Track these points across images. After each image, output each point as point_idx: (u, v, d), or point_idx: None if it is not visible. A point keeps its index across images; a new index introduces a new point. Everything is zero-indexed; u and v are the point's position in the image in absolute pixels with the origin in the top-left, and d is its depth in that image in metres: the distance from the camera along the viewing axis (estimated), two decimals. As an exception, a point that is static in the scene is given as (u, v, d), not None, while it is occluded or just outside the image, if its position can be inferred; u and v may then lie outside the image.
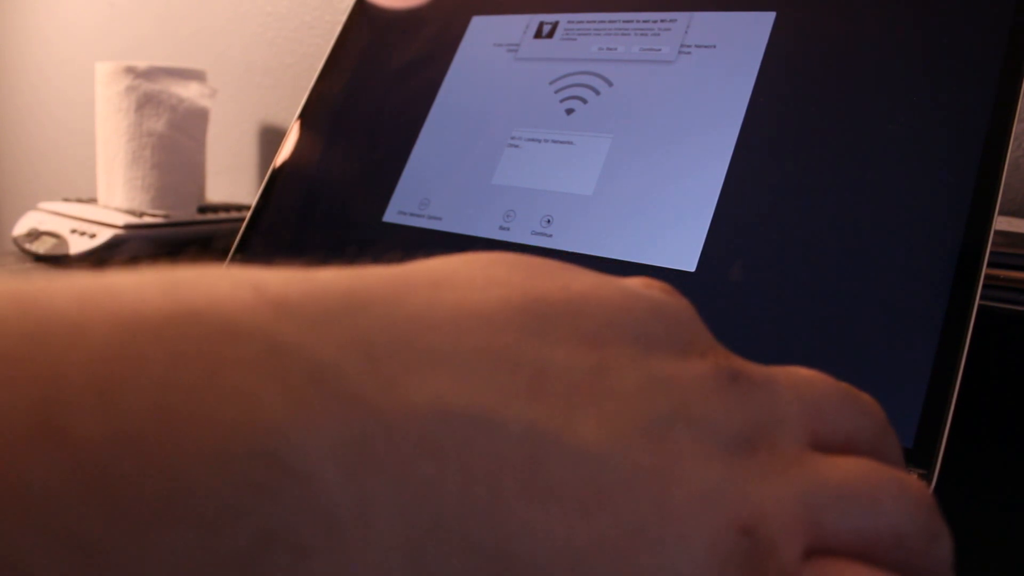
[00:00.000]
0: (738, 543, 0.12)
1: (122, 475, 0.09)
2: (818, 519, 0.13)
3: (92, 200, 0.74)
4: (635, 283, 0.16)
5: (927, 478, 0.27)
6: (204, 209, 0.72)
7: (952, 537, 0.15)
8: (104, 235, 0.63)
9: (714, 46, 0.38)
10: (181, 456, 0.09)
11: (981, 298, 0.29)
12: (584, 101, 0.40)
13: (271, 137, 0.90)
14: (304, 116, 0.49)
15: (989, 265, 0.30)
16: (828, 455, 0.15)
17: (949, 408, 0.28)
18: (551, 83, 0.42)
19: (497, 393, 0.12)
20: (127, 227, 0.64)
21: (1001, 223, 0.40)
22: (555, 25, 0.43)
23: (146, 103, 0.68)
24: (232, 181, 0.92)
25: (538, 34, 0.44)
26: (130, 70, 0.68)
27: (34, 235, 0.66)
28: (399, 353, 0.12)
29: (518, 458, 0.12)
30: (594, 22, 0.42)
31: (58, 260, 0.64)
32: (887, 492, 0.14)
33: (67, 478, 0.09)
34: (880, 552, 0.14)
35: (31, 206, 0.72)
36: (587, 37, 0.42)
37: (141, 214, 0.67)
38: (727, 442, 0.14)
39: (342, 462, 0.10)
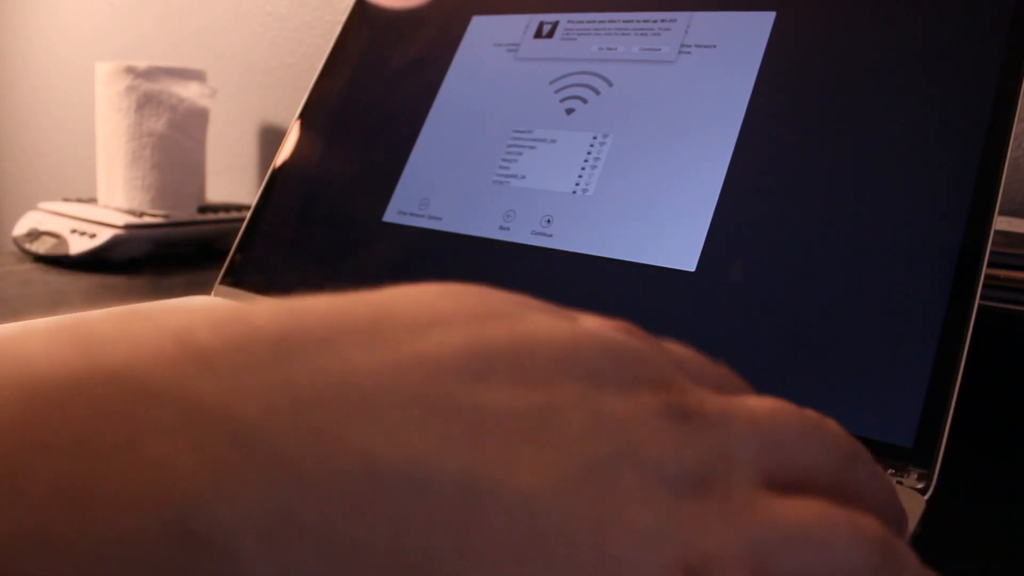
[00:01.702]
0: None
1: (20, 561, 0.09)
2: (766, 562, 0.13)
3: (92, 200, 0.74)
4: (591, 323, 0.15)
5: (927, 478, 0.27)
6: (204, 209, 0.72)
7: (919, 569, 0.15)
8: (104, 235, 0.63)
9: (714, 46, 0.39)
10: (89, 545, 0.09)
11: (981, 298, 0.29)
12: (584, 101, 0.40)
13: (271, 137, 0.90)
14: (304, 116, 0.49)
15: (989, 265, 0.30)
16: (782, 496, 0.14)
17: (949, 408, 0.28)
18: (551, 83, 0.42)
19: (432, 445, 0.12)
20: (127, 227, 0.64)
21: (1001, 223, 0.40)
22: (555, 25, 0.43)
23: (146, 103, 0.68)
24: (232, 181, 0.92)
25: (538, 34, 0.44)
26: (130, 70, 0.68)
27: (34, 235, 0.66)
28: (328, 406, 0.11)
29: (451, 513, 0.11)
30: (594, 22, 0.42)
31: (58, 260, 0.64)
32: (839, 534, 0.14)
33: None
34: None
35: (31, 206, 0.72)
36: (587, 37, 0.42)
37: (141, 214, 0.67)
38: (675, 483, 0.13)
39: (264, 531, 0.10)
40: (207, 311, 0.12)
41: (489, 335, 0.14)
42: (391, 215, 0.43)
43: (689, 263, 0.34)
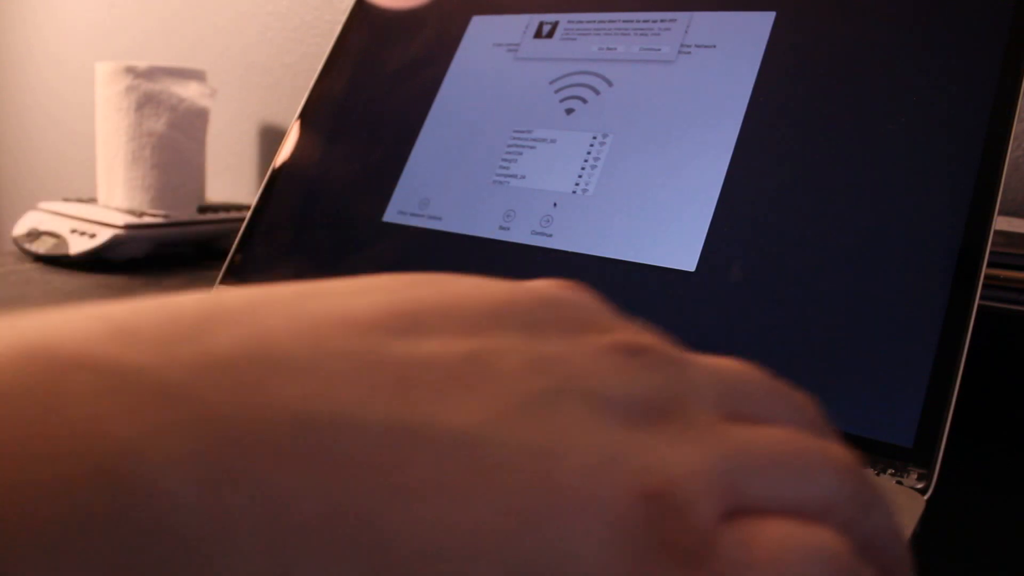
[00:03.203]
0: (641, 510, 0.11)
1: None
2: (737, 484, 0.13)
3: (92, 200, 0.74)
4: (535, 283, 0.15)
5: (927, 478, 0.27)
6: (204, 209, 0.72)
7: (888, 507, 0.14)
8: (104, 235, 0.63)
9: (714, 46, 0.39)
10: (20, 491, 0.09)
11: (981, 298, 0.29)
12: (584, 101, 0.40)
13: (271, 137, 0.90)
14: (304, 116, 0.49)
15: (989, 265, 0.30)
16: (748, 425, 0.14)
17: (949, 408, 0.28)
18: (551, 83, 0.42)
19: (357, 396, 0.11)
20: (127, 227, 0.64)
21: (1001, 223, 0.40)
22: (555, 25, 0.43)
23: (146, 103, 0.68)
24: (232, 181, 0.92)
25: (538, 34, 0.44)
26: (130, 70, 0.68)
27: (34, 235, 0.66)
28: (253, 366, 0.11)
29: (383, 455, 0.11)
30: (594, 22, 0.42)
31: (58, 260, 0.64)
32: (812, 459, 0.13)
33: None
34: (804, 518, 0.13)
35: (31, 206, 0.72)
36: (587, 37, 0.42)
37: (141, 214, 0.67)
38: (626, 412, 0.13)
39: (192, 474, 0.10)
40: (130, 300, 0.12)
41: (417, 295, 0.13)
42: (391, 215, 0.43)
43: (689, 263, 0.34)
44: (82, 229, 0.64)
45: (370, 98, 0.47)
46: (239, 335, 0.12)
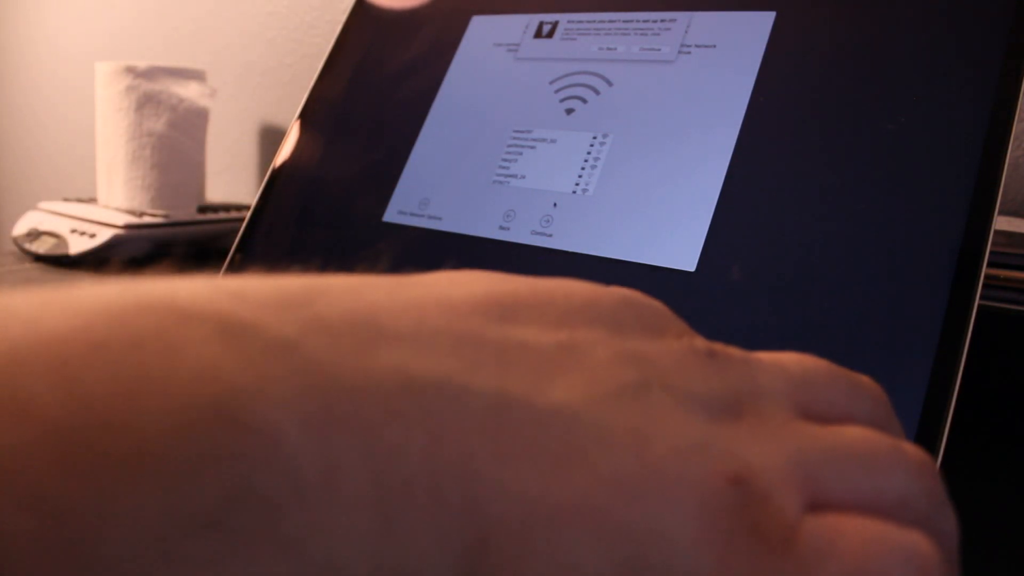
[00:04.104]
0: (728, 494, 0.12)
1: (84, 440, 0.09)
2: (815, 477, 0.13)
3: (92, 200, 0.74)
4: (612, 287, 0.16)
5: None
6: (204, 209, 0.72)
7: (953, 509, 0.14)
8: (104, 235, 0.63)
9: (714, 46, 0.39)
10: (141, 420, 0.09)
11: (981, 298, 0.29)
12: (584, 101, 0.40)
13: (271, 137, 0.90)
14: (304, 116, 0.49)
15: (989, 265, 0.30)
16: (822, 423, 0.14)
17: (949, 408, 0.28)
18: (551, 83, 0.42)
19: (461, 366, 0.12)
20: (127, 227, 0.64)
21: (1001, 223, 0.40)
22: (555, 25, 0.43)
23: (146, 103, 0.68)
24: (232, 181, 0.92)
25: (538, 34, 0.44)
26: (130, 70, 0.68)
27: (34, 235, 0.66)
28: (359, 331, 0.12)
29: (485, 422, 0.11)
30: (594, 22, 0.42)
31: (58, 260, 0.64)
32: (888, 456, 0.14)
33: (31, 446, 0.09)
34: (884, 516, 0.13)
35: (31, 206, 0.72)
36: (587, 37, 0.42)
37: (141, 214, 0.67)
38: (707, 406, 0.13)
39: (305, 424, 0.10)
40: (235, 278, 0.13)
41: (510, 287, 0.14)
42: (391, 215, 0.43)
43: (689, 263, 0.34)
44: (82, 229, 0.64)
45: (370, 98, 0.47)
46: (346, 305, 0.12)
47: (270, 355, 0.11)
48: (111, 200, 0.71)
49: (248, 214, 0.47)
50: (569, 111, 0.40)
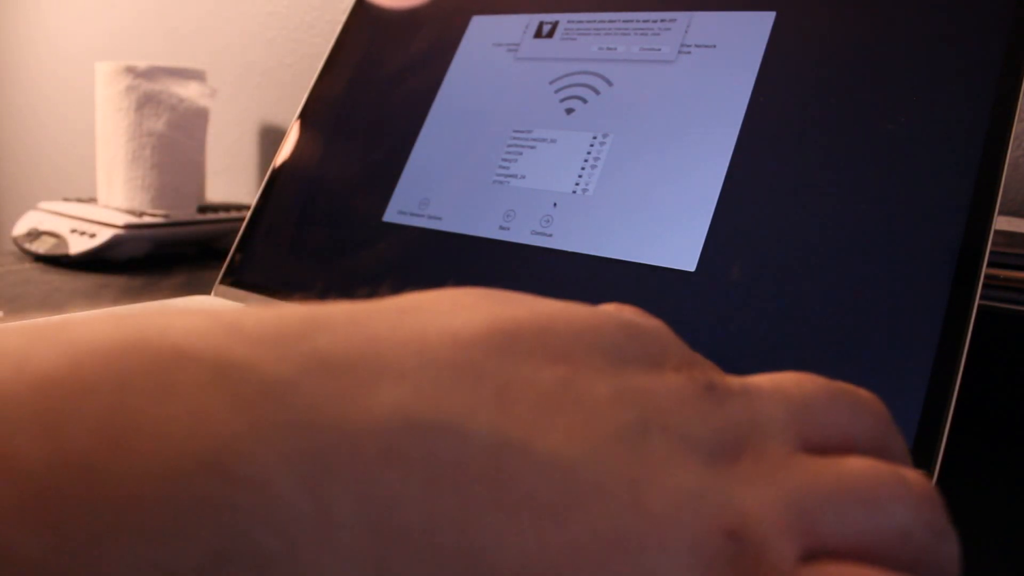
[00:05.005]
0: (724, 547, 0.12)
1: (68, 496, 0.09)
2: (813, 521, 0.13)
3: (92, 200, 0.74)
4: (605, 307, 0.16)
5: (926, 478, 0.27)
6: (204, 209, 0.72)
7: (955, 535, 0.14)
8: (104, 235, 0.63)
9: (714, 46, 0.38)
10: (127, 470, 0.09)
11: (981, 298, 0.29)
12: (584, 101, 0.40)
13: (271, 137, 0.90)
14: (304, 116, 0.49)
15: (989, 265, 0.30)
16: (821, 456, 0.14)
17: (949, 408, 0.28)
18: (551, 83, 0.42)
19: (462, 404, 0.12)
20: (127, 227, 0.64)
21: (1001, 223, 0.40)
22: (555, 25, 0.43)
23: (146, 103, 0.68)
24: (232, 181, 0.92)
25: (538, 34, 0.44)
26: (130, 70, 0.68)
27: (34, 235, 0.66)
28: (357, 368, 0.11)
29: (485, 467, 0.11)
30: (594, 22, 0.42)
31: (58, 260, 0.64)
32: (888, 489, 0.14)
33: (10, 502, 0.09)
34: (885, 552, 0.13)
35: (31, 206, 0.72)
36: (587, 37, 0.42)
37: (141, 214, 0.67)
38: (706, 449, 0.13)
39: (299, 472, 0.10)
40: (234, 308, 0.13)
41: (511, 315, 0.14)
42: (391, 215, 0.43)
43: (689, 263, 0.34)
44: (82, 229, 0.64)
45: (370, 98, 0.47)
46: (345, 338, 0.12)
47: (265, 398, 0.10)
48: (111, 200, 0.71)
49: (248, 214, 0.47)
50: (569, 111, 0.40)
